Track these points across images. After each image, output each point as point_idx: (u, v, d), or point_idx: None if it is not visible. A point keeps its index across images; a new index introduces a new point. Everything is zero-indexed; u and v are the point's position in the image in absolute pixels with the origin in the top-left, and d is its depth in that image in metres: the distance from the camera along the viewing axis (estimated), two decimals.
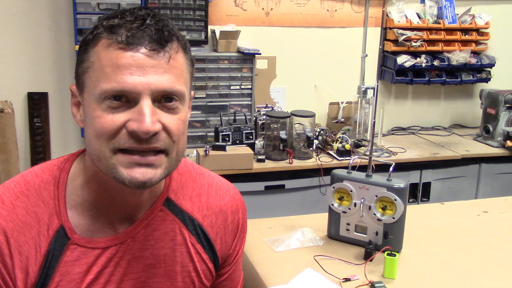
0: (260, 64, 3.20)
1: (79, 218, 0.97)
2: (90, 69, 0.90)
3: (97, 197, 0.98)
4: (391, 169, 1.55)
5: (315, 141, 2.97)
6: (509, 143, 3.19)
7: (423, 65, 3.36)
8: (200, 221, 1.07)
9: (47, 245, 0.95)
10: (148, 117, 0.86)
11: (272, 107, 3.16)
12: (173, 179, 1.07)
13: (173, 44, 0.90)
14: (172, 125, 0.90)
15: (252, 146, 2.86)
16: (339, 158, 2.91)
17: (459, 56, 3.41)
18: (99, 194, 0.98)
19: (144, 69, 0.87)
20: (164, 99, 0.90)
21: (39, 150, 2.95)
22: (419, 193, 3.12)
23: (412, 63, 3.35)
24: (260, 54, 3.03)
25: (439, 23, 3.39)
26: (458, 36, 3.44)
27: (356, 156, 2.77)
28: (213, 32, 3.04)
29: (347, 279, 1.40)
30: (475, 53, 3.53)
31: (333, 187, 1.60)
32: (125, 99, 0.88)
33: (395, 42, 3.35)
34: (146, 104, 0.87)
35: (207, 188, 1.11)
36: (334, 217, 1.63)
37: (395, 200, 1.52)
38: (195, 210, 1.07)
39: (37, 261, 0.94)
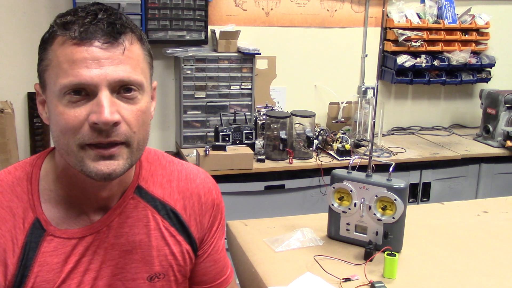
0: (260, 64, 3.20)
1: (54, 211, 1.00)
2: (49, 67, 0.93)
3: (69, 191, 1.01)
4: (391, 169, 1.55)
5: (315, 141, 2.97)
6: (509, 143, 3.19)
7: (423, 65, 3.36)
8: (172, 205, 1.10)
9: (23, 237, 0.98)
10: (107, 107, 0.89)
11: (272, 107, 3.16)
12: (143, 168, 1.10)
13: (127, 36, 0.93)
14: (131, 116, 0.93)
15: (252, 146, 2.86)
16: (339, 158, 2.91)
17: (459, 56, 3.41)
18: (70, 188, 1.01)
19: (100, 62, 0.89)
20: (123, 90, 0.92)
21: (39, 150, 2.91)
22: (419, 193, 3.12)
23: (412, 63, 3.35)
24: (260, 54, 3.03)
25: (439, 23, 3.39)
26: (458, 36, 3.44)
27: (356, 156, 2.77)
28: (213, 32, 3.04)
29: (347, 279, 1.40)
30: (475, 53, 3.53)
31: (333, 187, 1.60)
32: (84, 93, 0.90)
33: (395, 42, 3.35)
34: (104, 95, 0.89)
35: (177, 174, 1.14)
36: (334, 217, 1.63)
37: (395, 200, 1.51)
38: (166, 196, 1.10)
39: (15, 253, 0.97)
